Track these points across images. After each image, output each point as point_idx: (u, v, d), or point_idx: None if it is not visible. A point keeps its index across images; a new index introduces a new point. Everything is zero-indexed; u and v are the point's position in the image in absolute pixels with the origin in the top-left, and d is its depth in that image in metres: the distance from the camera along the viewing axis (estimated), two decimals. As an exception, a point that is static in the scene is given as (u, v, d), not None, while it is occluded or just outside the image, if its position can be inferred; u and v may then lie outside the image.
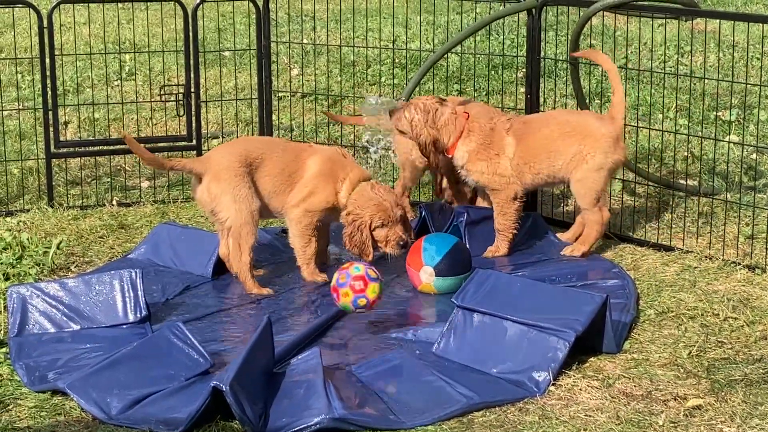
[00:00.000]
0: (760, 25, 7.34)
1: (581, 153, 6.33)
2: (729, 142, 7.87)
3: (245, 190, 5.98)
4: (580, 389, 4.93)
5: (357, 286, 5.37)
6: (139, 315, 5.50)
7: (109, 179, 7.79)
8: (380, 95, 6.83)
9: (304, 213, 6.09)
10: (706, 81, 8.60)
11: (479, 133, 6.44)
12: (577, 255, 6.37)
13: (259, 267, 6.28)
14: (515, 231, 6.48)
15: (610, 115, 6.42)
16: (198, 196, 6.05)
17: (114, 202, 7.45)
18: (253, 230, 5.99)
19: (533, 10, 6.98)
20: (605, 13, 7.00)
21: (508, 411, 4.77)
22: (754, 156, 7.95)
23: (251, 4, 7.62)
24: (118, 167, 8.08)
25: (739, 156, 7.83)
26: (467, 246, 6.31)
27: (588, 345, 5.18)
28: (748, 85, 7.35)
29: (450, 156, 6.52)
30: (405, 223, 6.12)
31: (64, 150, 7.61)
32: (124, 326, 5.48)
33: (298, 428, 4.51)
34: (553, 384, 4.94)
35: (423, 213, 6.59)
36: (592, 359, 5.18)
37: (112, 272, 5.62)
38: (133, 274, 5.56)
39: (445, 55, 7.53)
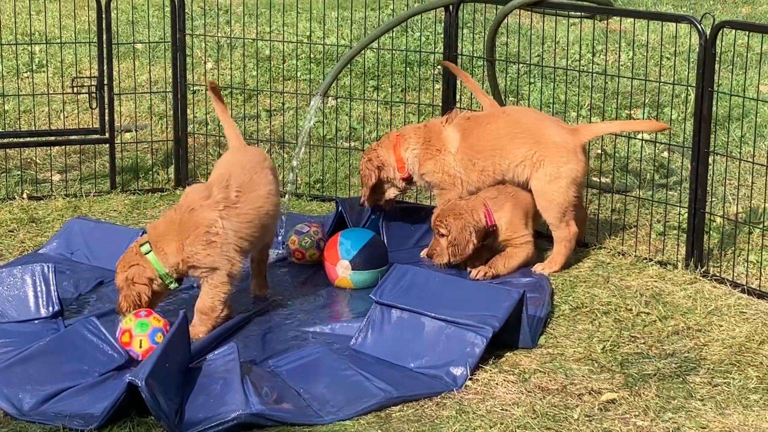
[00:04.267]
0: (673, 24, 7.45)
1: (531, 159, 6.16)
2: (641, 140, 7.96)
3: None
4: (497, 384, 4.96)
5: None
6: (51, 310, 5.41)
7: (19, 172, 7.66)
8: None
9: None
10: (618, 80, 8.70)
11: (414, 134, 6.37)
12: (546, 273, 6.15)
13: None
14: None
15: (575, 128, 6.30)
16: None
17: (24, 196, 7.32)
18: None
19: (451, 6, 6.99)
20: (521, 11, 7.04)
21: (426, 405, 4.78)
22: (665, 154, 8.06)
23: (166, -4, 7.54)
24: (29, 160, 7.95)
25: (651, 154, 7.94)
26: (384, 241, 6.31)
27: (504, 340, 5.21)
28: (660, 84, 7.45)
29: (407, 177, 6.39)
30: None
31: (-27, 142, 7.46)
32: (36, 321, 5.39)
33: (214, 424, 4.48)
34: (470, 379, 4.96)
35: (340, 208, 6.57)
36: (508, 354, 5.22)
37: (24, 266, 5.54)
38: (46, 268, 5.48)
39: (362, 51, 7.52)
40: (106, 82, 7.47)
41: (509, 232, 6.17)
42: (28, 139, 7.72)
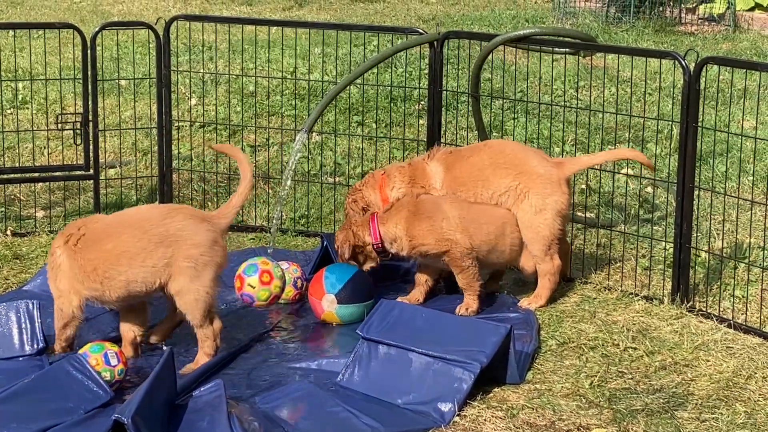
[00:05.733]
0: (657, 60, 7.50)
1: (515, 190, 6.16)
2: (626, 176, 7.99)
3: None
4: (485, 420, 4.94)
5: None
6: (36, 347, 5.38)
7: (2, 209, 7.62)
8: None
9: None
10: (601, 115, 8.73)
11: (399, 172, 6.37)
12: (533, 308, 6.12)
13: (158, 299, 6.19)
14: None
15: (560, 161, 6.29)
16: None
17: (8, 232, 7.28)
18: None
19: (435, 42, 7.02)
20: (505, 47, 7.07)
21: (414, 442, 4.76)
22: (649, 189, 8.09)
23: (150, 33, 7.54)
24: (12, 197, 7.92)
25: (635, 189, 7.96)
26: (368, 275, 6.30)
27: (491, 375, 5.20)
28: (644, 120, 7.49)
29: None
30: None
31: (-43, 178, 7.43)
32: (21, 358, 5.35)
33: (201, 461, 4.45)
34: (458, 415, 4.94)
35: (325, 243, 6.56)
36: (496, 390, 5.20)
37: (8, 303, 5.50)
38: (30, 305, 5.45)
39: (346, 87, 7.53)
40: (90, 118, 7.45)
41: (418, 244, 6.00)
42: (11, 175, 7.69)
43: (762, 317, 6.02)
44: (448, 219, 6.00)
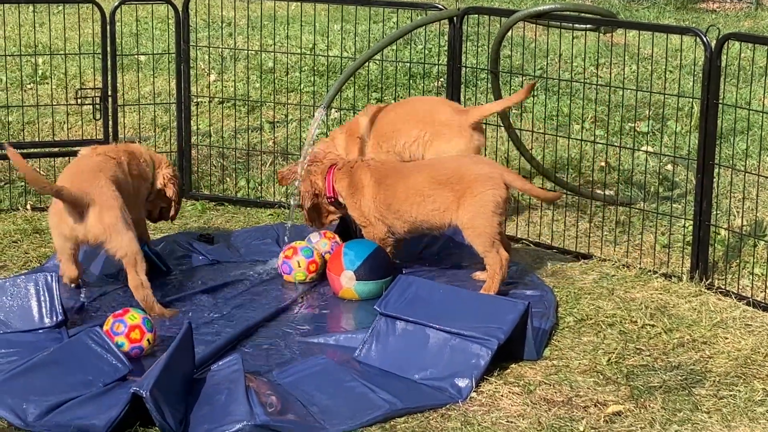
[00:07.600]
0: (678, 37, 7.46)
1: (422, 138, 6.61)
2: (646, 153, 7.95)
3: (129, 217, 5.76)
4: (502, 395, 4.94)
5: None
6: (55, 319, 5.40)
7: (23, 183, 7.65)
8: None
9: None
10: (621, 92, 8.70)
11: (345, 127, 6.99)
12: None
13: (175, 273, 6.22)
14: None
15: (466, 109, 6.67)
16: (87, 229, 5.61)
17: (28, 207, 7.31)
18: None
19: (455, 18, 7.00)
20: (525, 24, 7.04)
21: (431, 417, 4.76)
22: (669, 167, 8.06)
23: (169, 9, 7.54)
24: (32, 171, 7.93)
25: (655, 166, 7.93)
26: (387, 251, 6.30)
27: (509, 351, 5.20)
28: (664, 97, 7.46)
29: None
30: None
31: (-23, 153, 7.45)
32: (40, 331, 5.37)
33: (219, 434, 4.46)
34: (475, 390, 4.95)
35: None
36: (513, 366, 5.20)
37: (28, 276, 5.52)
38: (50, 278, 5.46)
39: (365, 63, 7.52)
40: (109, 93, 7.47)
41: (351, 213, 6.28)
42: (31, 150, 7.71)
43: (781, 295, 6.00)
44: (365, 198, 6.17)
